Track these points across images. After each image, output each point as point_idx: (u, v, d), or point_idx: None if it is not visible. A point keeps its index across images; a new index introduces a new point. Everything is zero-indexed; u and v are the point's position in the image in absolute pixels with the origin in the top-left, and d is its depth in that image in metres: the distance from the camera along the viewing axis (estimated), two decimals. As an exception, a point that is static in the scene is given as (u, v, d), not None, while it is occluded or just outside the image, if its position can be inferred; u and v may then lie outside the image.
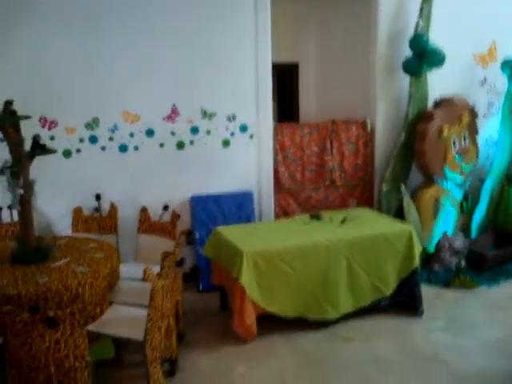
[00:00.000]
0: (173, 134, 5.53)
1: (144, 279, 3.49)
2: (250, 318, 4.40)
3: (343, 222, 5.06)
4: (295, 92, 8.34)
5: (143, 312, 3.58)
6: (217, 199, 5.67)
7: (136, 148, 5.46)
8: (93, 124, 5.31)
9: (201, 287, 5.55)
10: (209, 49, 5.49)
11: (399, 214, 5.90)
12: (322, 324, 4.74)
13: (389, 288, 4.91)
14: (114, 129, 5.37)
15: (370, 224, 5.05)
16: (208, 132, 5.63)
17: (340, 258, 4.67)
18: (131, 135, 5.42)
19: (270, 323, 4.66)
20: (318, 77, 7.58)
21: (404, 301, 5.04)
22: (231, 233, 4.85)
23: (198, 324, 4.90)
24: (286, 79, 9.14)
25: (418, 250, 4.94)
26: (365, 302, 4.87)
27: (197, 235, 5.58)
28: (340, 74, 7.02)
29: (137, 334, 3.58)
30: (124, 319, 3.82)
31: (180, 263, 3.76)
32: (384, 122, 6.25)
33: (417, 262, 4.92)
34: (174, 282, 3.84)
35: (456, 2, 6.27)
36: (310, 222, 5.14)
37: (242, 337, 4.50)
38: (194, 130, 5.58)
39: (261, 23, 5.58)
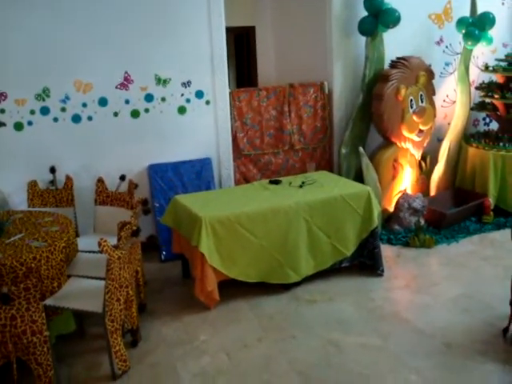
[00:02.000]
0: (127, 102, 5.41)
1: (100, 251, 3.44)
2: (212, 285, 4.40)
3: (302, 185, 5.06)
4: (253, 57, 8.26)
5: (102, 284, 3.54)
6: (175, 167, 5.61)
7: (90, 118, 5.32)
8: (43, 95, 5.15)
9: (163, 257, 5.52)
10: (160, 13, 5.35)
11: (359, 176, 5.94)
12: (284, 287, 4.77)
13: (349, 249, 4.95)
14: (66, 99, 5.22)
15: (329, 187, 5.06)
16: (163, 99, 5.52)
17: (299, 221, 4.68)
18: (84, 105, 5.28)
19: (232, 289, 4.68)
20: (276, 40, 7.52)
21: (364, 261, 5.11)
22: (190, 200, 4.81)
23: (160, 293, 4.88)
24: (243, 44, 9.05)
25: (376, 210, 4.98)
26: (326, 264, 4.91)
27: (156, 204, 5.53)
28: (297, 38, 6.97)
29: (95, 306, 3.54)
30: (82, 292, 3.77)
31: (135, 233, 3.71)
32: (341, 84, 6.23)
33: (376, 222, 4.96)
34: (132, 252, 3.79)
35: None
36: (268, 187, 5.12)
37: (204, 304, 4.50)
38: (149, 98, 5.47)
39: (213, -14, 5.46)
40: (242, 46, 9.15)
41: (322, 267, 4.89)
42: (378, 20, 5.79)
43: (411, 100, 6.06)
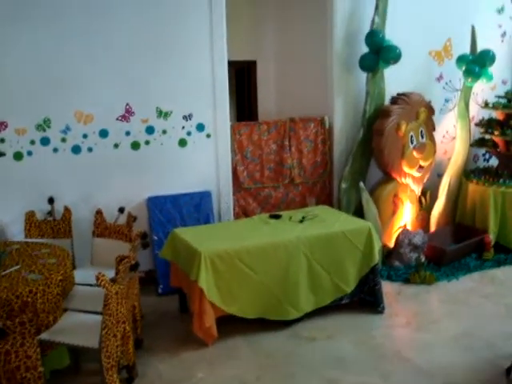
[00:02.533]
0: (127, 134, 5.40)
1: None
2: (210, 321, 4.32)
3: (302, 220, 5.03)
4: (254, 91, 8.29)
5: (98, 319, 3.47)
6: (174, 200, 5.57)
7: (90, 149, 5.30)
8: (44, 125, 5.14)
9: (160, 290, 5.43)
10: (163, 47, 5.38)
11: (359, 211, 5.91)
12: (283, 323, 4.70)
13: (349, 286, 4.89)
14: (67, 130, 5.21)
15: (329, 222, 5.02)
16: (164, 132, 5.51)
17: (300, 256, 4.63)
18: (84, 136, 5.27)
19: (230, 325, 4.60)
20: (277, 75, 7.57)
21: (365, 298, 5.04)
22: (189, 234, 4.76)
23: (157, 328, 4.79)
24: (244, 77, 9.09)
25: (377, 246, 4.94)
26: (326, 301, 4.84)
27: (155, 237, 5.47)
28: (298, 72, 7.02)
29: (91, 342, 3.47)
30: (78, 326, 3.69)
31: (134, 267, 3.65)
32: (342, 120, 6.25)
33: (376, 258, 4.91)
34: (130, 286, 3.73)
35: (410, 2, 6.31)
36: (269, 222, 5.08)
37: (202, 340, 4.42)
38: (150, 130, 5.46)
39: (216, 20, 5.49)
40: (243, 80, 9.20)
41: (322, 304, 4.82)
42: (379, 56, 5.84)
43: (411, 136, 6.07)
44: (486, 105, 6.54)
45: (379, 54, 5.84)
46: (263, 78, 7.84)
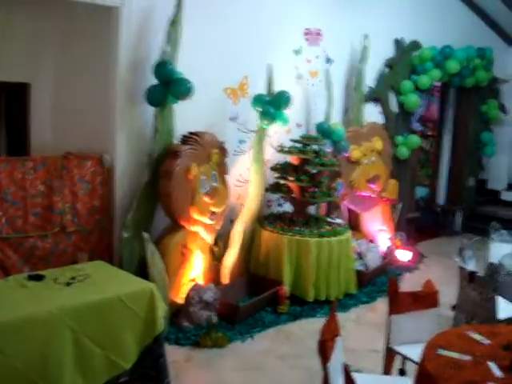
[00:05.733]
0: None
1: None
2: None
3: (70, 283, 4.06)
4: (26, 119, 7.16)
5: None
6: None
7: None
8: None
9: None
10: None
11: (143, 265, 5.12)
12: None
13: (128, 361, 4.01)
14: None
15: (104, 284, 4.11)
16: None
17: (64, 331, 3.65)
18: None
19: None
20: (54, 102, 6.49)
21: (148, 373, 4.21)
22: None
23: None
24: (16, 103, 7.88)
25: (161, 311, 4.16)
26: (99, 382, 3.90)
27: None
28: (79, 100, 6.03)
29: None
30: None
31: None
32: (125, 158, 5.42)
33: (161, 326, 4.13)
34: None
35: (207, 33, 5.78)
36: (26, 285, 4.01)
37: None
38: None
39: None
40: (15, 106, 7.97)
41: (95, 386, 3.89)
42: (168, 89, 5.16)
43: (203, 179, 5.47)
44: (282, 149, 6.21)
45: (168, 86, 5.17)
46: (38, 105, 6.73)
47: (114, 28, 5.33)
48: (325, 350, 3.25)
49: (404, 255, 7.92)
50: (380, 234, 7.78)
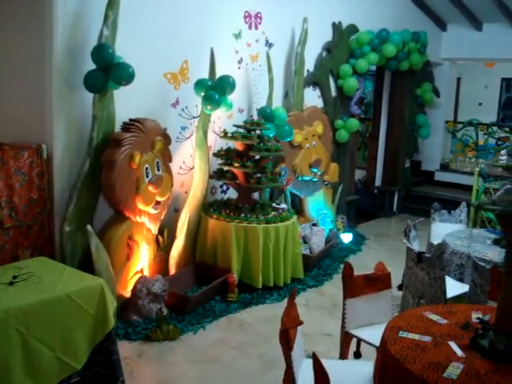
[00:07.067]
0: None
1: None
2: None
3: (13, 282, 3.81)
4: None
5: None
6: None
7: None
8: None
9: None
10: None
11: (87, 259, 4.90)
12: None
13: (79, 361, 3.83)
14: None
15: (50, 281, 3.87)
16: None
17: (11, 334, 3.43)
18: None
19: None
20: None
21: (100, 371, 4.03)
22: None
23: None
24: None
25: (112, 307, 3.99)
26: (50, 384, 3.72)
27: None
28: (13, 87, 5.64)
29: None
30: None
31: None
32: (64, 148, 5.12)
33: (112, 323, 3.96)
34: None
35: (145, 15, 5.54)
36: (-35, 286, 3.77)
37: None
38: None
39: None
40: None
41: (46, 389, 3.68)
42: (108, 75, 4.92)
43: (147, 168, 5.29)
44: (225, 134, 6.08)
45: (109, 72, 4.92)
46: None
47: (48, 11, 5.00)
48: (288, 338, 3.20)
49: (346, 237, 8.01)
50: (322, 217, 7.81)
